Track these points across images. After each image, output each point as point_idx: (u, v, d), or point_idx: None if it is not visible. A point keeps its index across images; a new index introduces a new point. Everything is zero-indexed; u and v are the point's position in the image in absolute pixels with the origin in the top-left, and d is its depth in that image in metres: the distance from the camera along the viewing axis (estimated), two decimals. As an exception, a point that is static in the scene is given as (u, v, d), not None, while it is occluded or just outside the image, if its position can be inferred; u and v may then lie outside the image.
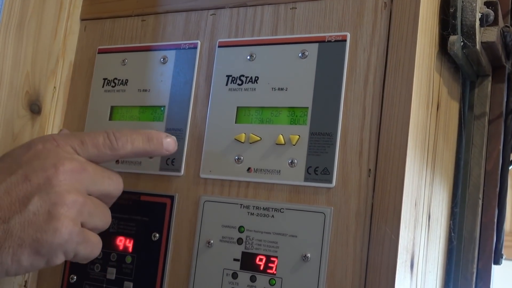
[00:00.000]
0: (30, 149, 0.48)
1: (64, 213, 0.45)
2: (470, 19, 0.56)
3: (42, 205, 0.45)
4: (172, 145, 0.53)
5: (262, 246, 0.51)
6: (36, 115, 0.64)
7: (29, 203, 0.44)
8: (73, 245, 0.46)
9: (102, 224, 0.50)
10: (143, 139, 0.51)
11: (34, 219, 0.44)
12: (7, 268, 0.44)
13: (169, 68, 0.60)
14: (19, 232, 0.44)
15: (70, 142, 0.49)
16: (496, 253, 0.65)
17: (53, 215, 0.45)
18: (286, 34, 0.55)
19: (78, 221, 0.46)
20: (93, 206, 0.48)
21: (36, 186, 0.45)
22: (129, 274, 0.57)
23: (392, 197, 0.47)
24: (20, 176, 0.46)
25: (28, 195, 0.45)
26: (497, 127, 0.66)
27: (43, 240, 0.44)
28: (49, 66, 0.65)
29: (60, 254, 0.46)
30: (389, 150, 0.48)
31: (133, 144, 0.51)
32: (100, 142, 0.50)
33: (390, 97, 0.49)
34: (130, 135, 0.51)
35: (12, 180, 0.45)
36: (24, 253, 0.44)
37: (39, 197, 0.45)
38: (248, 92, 0.55)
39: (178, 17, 0.61)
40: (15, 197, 0.45)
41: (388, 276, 0.46)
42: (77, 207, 0.46)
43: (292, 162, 0.52)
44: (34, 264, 0.45)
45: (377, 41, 0.50)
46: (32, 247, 0.44)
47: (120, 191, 0.52)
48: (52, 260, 0.46)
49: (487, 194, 0.65)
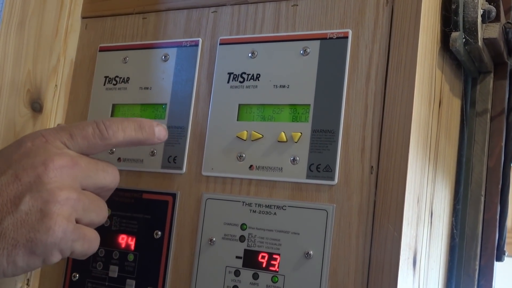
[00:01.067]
0: (20, 147, 0.47)
1: (57, 210, 0.44)
2: (472, 15, 0.56)
3: (33, 204, 0.44)
4: (163, 133, 0.52)
5: (265, 243, 0.51)
6: (38, 114, 0.64)
7: (20, 202, 0.44)
8: (68, 243, 0.45)
9: (98, 219, 0.48)
10: (135, 127, 0.50)
11: (27, 218, 0.44)
12: (3, 269, 0.44)
13: (170, 65, 0.60)
14: (12, 233, 0.43)
15: (59, 137, 0.48)
16: (499, 250, 0.65)
17: (46, 213, 0.44)
18: (288, 31, 0.55)
19: (72, 218, 0.45)
20: (87, 201, 0.47)
21: (27, 185, 0.44)
22: (132, 272, 0.57)
23: (395, 194, 0.47)
24: (10, 176, 0.45)
25: (19, 194, 0.44)
26: (499, 124, 0.66)
27: (37, 240, 0.44)
28: (50, 64, 0.65)
29: (56, 253, 0.45)
30: (391, 147, 0.48)
31: (124, 132, 0.49)
32: (90, 133, 0.48)
33: (392, 94, 0.49)
34: (121, 123, 0.49)
35: (2, 180, 0.45)
36: (18, 253, 0.44)
37: (30, 196, 0.44)
38: (250, 89, 0.55)
39: (179, 14, 0.61)
40: (6, 198, 0.44)
41: (390, 273, 0.46)
42: (70, 203, 0.45)
43: (294, 159, 0.52)
44: (30, 264, 0.45)
45: (379, 38, 0.50)
46: (27, 247, 0.44)
47: (116, 182, 0.51)
48: (48, 259, 0.45)
49: (489, 191, 0.65)
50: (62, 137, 0.48)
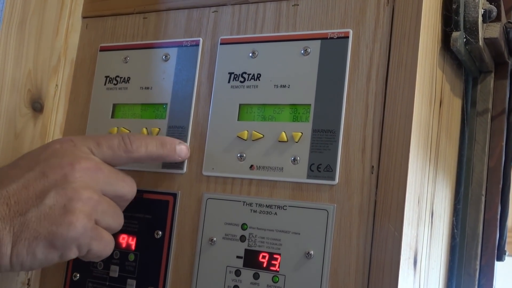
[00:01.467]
0: (48, 148, 0.50)
1: (79, 207, 0.47)
2: (473, 15, 0.56)
3: (58, 199, 0.46)
4: (184, 152, 0.55)
5: (265, 243, 0.51)
6: (38, 113, 0.64)
7: (45, 197, 0.46)
8: (86, 240, 0.47)
9: (114, 224, 0.51)
10: (157, 144, 0.53)
11: (50, 212, 0.46)
12: (22, 259, 0.46)
13: (171, 65, 0.60)
14: (35, 225, 0.46)
15: (87, 143, 0.51)
16: (499, 250, 0.65)
17: (69, 209, 0.46)
18: (288, 31, 0.55)
19: (92, 217, 0.48)
20: (106, 206, 0.49)
21: (53, 182, 0.47)
22: (132, 272, 0.57)
23: (395, 194, 0.47)
24: (38, 172, 0.48)
25: (45, 190, 0.47)
26: (499, 124, 0.66)
27: (58, 233, 0.46)
28: (51, 64, 0.65)
29: (74, 248, 0.47)
30: (392, 147, 0.48)
31: (147, 147, 0.52)
32: (115, 144, 0.51)
33: (392, 93, 0.49)
34: (144, 139, 0.53)
35: (30, 175, 0.47)
36: (39, 245, 0.46)
37: (55, 192, 0.47)
38: (251, 89, 0.55)
39: (179, 14, 0.61)
40: (32, 192, 0.47)
41: (391, 273, 0.46)
42: (91, 203, 0.48)
43: (295, 159, 0.52)
44: (48, 257, 0.47)
45: (379, 37, 0.50)
46: (47, 239, 0.46)
47: (134, 194, 0.53)
48: (66, 254, 0.47)
49: (490, 191, 0.65)
50: (90, 144, 0.51)
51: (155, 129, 0.59)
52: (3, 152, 0.59)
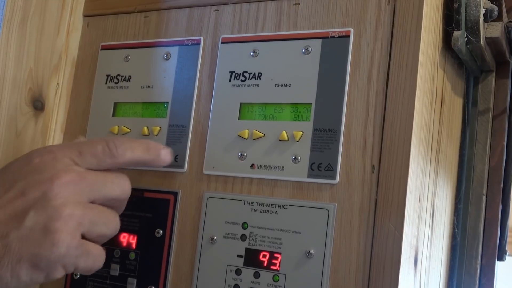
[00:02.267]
0: (28, 163, 0.47)
1: (60, 227, 0.44)
2: (474, 14, 0.56)
3: (38, 219, 0.44)
4: (168, 157, 0.52)
5: (266, 242, 0.51)
6: (39, 112, 0.64)
7: (25, 218, 0.44)
8: (72, 259, 0.45)
9: (109, 231, 0.49)
10: (143, 148, 0.51)
11: (31, 234, 0.44)
12: (6, 282, 0.44)
13: (172, 64, 0.60)
14: (17, 248, 0.44)
15: (68, 154, 0.48)
16: (500, 249, 0.65)
17: (50, 229, 0.44)
18: (290, 30, 0.55)
19: (76, 234, 0.46)
20: (96, 215, 0.47)
21: (32, 201, 0.45)
22: (133, 271, 0.57)
23: (396, 193, 0.47)
24: (17, 191, 0.45)
25: (25, 210, 0.45)
26: (501, 123, 0.66)
27: (40, 255, 0.44)
28: (52, 62, 0.65)
29: (60, 268, 0.45)
30: (393, 146, 0.48)
31: (133, 151, 0.50)
32: (99, 151, 0.49)
33: (393, 93, 0.49)
34: (130, 143, 0.50)
35: (8, 196, 0.45)
36: (22, 268, 0.44)
37: (35, 212, 0.44)
38: (251, 88, 0.55)
39: (181, 13, 0.61)
40: (12, 213, 0.45)
41: (392, 272, 0.46)
42: (74, 219, 0.45)
43: (296, 158, 0.52)
44: (33, 279, 0.45)
45: (380, 36, 0.50)
46: (31, 262, 0.44)
47: (128, 192, 0.51)
48: (51, 274, 0.45)
49: (491, 190, 0.65)
50: (71, 154, 0.48)
51: (156, 127, 0.59)
52: (4, 150, 0.60)
